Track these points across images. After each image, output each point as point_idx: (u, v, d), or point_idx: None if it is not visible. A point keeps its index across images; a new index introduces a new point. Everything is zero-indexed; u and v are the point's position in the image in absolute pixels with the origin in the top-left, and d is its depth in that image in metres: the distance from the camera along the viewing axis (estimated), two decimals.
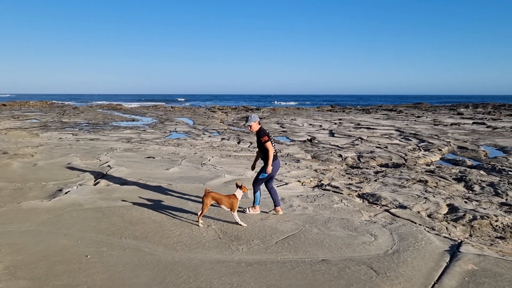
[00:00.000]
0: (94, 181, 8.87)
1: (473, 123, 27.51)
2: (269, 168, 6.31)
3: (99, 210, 6.64)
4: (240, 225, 5.97)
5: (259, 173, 6.50)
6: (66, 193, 7.63)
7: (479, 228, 6.32)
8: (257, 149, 6.62)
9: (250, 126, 6.37)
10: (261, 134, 6.35)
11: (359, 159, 12.94)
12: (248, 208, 6.68)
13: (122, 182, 8.73)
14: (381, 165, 12.14)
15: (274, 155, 6.37)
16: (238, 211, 6.23)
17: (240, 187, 6.11)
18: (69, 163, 10.82)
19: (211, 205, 6.17)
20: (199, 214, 6.04)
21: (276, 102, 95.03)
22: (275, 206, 6.62)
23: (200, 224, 5.94)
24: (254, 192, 6.58)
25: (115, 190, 8.01)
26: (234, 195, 6.05)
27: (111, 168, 10.19)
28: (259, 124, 6.47)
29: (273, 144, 6.39)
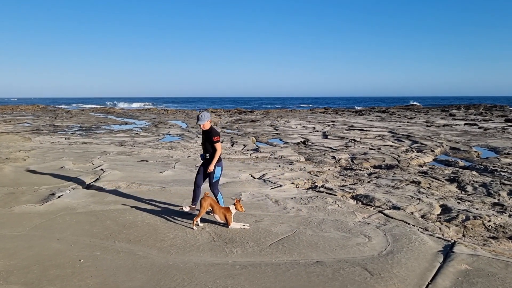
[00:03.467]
0: (87, 184, 8.82)
1: (465, 124, 27.73)
2: (212, 167, 6.28)
3: (92, 214, 6.60)
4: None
5: (211, 178, 6.42)
6: (59, 197, 7.57)
7: (472, 228, 6.37)
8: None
9: (203, 125, 6.31)
10: (213, 134, 6.33)
11: (352, 161, 12.99)
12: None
13: (116, 185, 8.68)
14: (374, 167, 12.19)
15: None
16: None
17: (235, 204, 6.00)
18: (61, 167, 10.75)
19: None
20: (195, 217, 6.02)
21: (269, 105, 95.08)
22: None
23: (194, 227, 5.92)
24: (216, 196, 6.48)
25: (108, 194, 7.97)
26: (229, 208, 6.02)
27: (104, 171, 10.14)
28: (210, 122, 6.47)
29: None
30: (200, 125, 6.34)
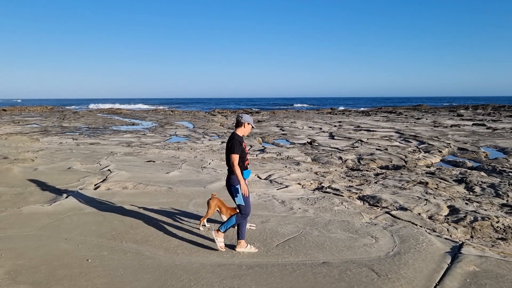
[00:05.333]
0: (95, 185, 8.87)
1: (473, 124, 27.51)
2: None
3: (99, 214, 6.64)
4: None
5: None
6: (66, 197, 7.63)
7: (480, 230, 6.31)
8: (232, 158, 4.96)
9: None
10: None
11: (359, 161, 12.94)
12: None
13: (123, 186, 8.73)
14: (381, 167, 12.13)
15: None
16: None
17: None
18: (69, 168, 10.83)
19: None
20: (202, 217, 6.02)
21: (276, 106, 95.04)
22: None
23: (201, 228, 5.93)
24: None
25: (115, 194, 8.01)
26: (235, 208, 6.02)
27: (111, 172, 10.19)
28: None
29: None
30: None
